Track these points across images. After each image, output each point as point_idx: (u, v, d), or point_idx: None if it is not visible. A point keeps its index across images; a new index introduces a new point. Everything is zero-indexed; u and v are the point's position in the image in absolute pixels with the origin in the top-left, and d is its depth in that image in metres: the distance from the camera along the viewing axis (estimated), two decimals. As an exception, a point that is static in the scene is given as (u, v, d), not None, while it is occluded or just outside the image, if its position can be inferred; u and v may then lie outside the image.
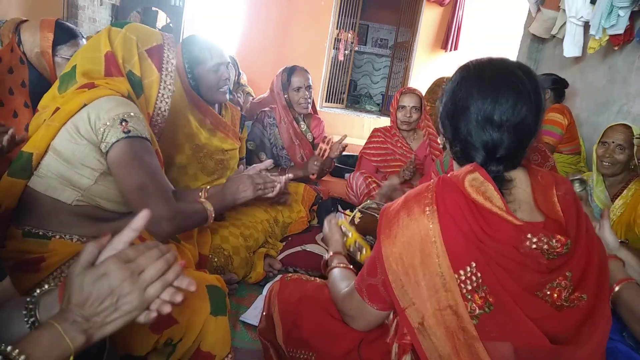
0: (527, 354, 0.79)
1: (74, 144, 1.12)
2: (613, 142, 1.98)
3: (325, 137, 2.50)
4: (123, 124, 1.11)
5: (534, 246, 0.77)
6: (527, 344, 0.78)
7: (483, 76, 0.85)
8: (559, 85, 3.08)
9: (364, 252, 1.41)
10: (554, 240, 0.77)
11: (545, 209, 0.81)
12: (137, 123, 1.14)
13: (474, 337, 0.78)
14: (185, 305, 1.04)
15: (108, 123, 1.10)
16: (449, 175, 0.86)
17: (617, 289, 1.10)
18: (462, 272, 0.78)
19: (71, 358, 0.59)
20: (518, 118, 0.81)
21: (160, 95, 1.31)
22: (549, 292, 0.80)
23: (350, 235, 1.34)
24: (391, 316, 0.96)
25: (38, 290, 0.71)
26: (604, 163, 1.99)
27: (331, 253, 1.24)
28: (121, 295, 0.61)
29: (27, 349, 0.56)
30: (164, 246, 0.67)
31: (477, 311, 0.78)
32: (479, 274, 0.77)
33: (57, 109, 1.15)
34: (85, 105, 1.13)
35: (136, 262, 0.63)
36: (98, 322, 0.61)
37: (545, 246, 0.77)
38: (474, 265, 0.78)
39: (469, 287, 0.78)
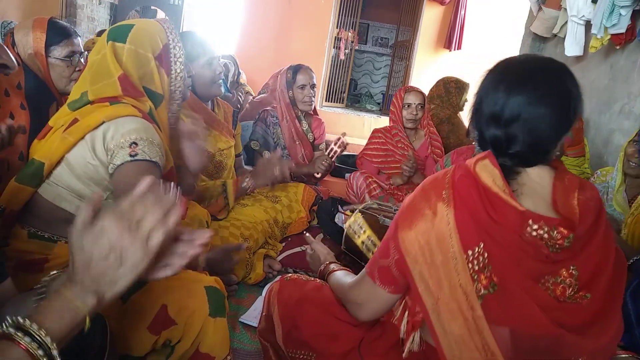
0: (528, 339, 0.80)
1: (87, 161, 1.09)
2: None
3: (339, 138, 2.48)
4: (132, 146, 1.07)
5: (534, 233, 0.78)
6: (529, 328, 0.79)
7: (504, 71, 0.86)
8: None
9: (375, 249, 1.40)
10: (555, 232, 0.78)
11: (562, 210, 0.82)
12: (147, 146, 1.09)
13: (480, 316, 0.80)
14: (184, 307, 1.03)
15: (118, 144, 1.07)
16: (465, 162, 0.88)
17: None
18: (470, 251, 0.80)
19: (87, 320, 0.57)
20: (532, 117, 0.80)
21: (170, 102, 1.28)
22: (552, 287, 0.81)
23: (363, 231, 1.34)
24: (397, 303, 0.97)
25: (47, 278, 0.70)
26: (631, 163, 1.91)
27: (326, 263, 1.25)
28: (123, 249, 0.59)
29: (39, 318, 0.54)
30: (161, 191, 0.64)
31: (482, 291, 0.80)
32: (485, 254, 0.80)
33: (75, 120, 1.11)
34: (104, 122, 1.09)
35: (132, 212, 0.60)
36: (106, 280, 0.59)
37: (546, 235, 0.78)
38: (481, 245, 0.80)
39: (476, 267, 0.80)
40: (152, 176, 0.66)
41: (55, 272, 0.71)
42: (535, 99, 0.80)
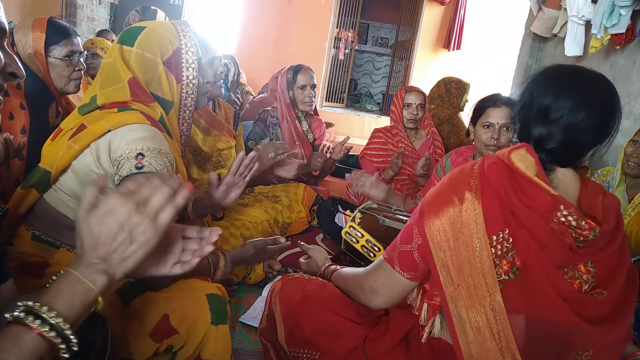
0: (542, 326, 0.83)
1: (91, 169, 1.08)
2: None
3: (329, 134, 2.49)
4: (139, 157, 1.03)
5: (563, 219, 0.80)
6: (547, 314, 0.82)
7: (558, 76, 0.90)
8: None
9: (377, 251, 1.39)
10: (583, 222, 0.80)
11: (587, 209, 0.85)
12: (154, 158, 1.05)
13: (499, 301, 0.82)
14: (186, 316, 1.03)
15: (124, 155, 1.04)
16: (495, 153, 0.91)
17: None
18: (494, 237, 0.83)
19: (99, 300, 0.57)
20: (572, 120, 0.84)
21: (182, 109, 1.23)
22: (570, 280, 0.84)
23: (362, 236, 1.34)
24: (414, 293, 0.99)
25: (54, 277, 0.70)
26: (630, 163, 1.92)
27: (325, 266, 1.25)
28: (133, 227, 0.59)
29: (49, 300, 0.54)
30: (166, 174, 0.65)
31: (503, 277, 0.83)
32: (510, 239, 0.83)
33: (83, 126, 1.09)
34: (109, 130, 1.06)
35: (139, 193, 0.60)
36: (116, 258, 0.59)
37: (574, 223, 0.80)
38: (507, 231, 0.83)
39: (499, 252, 0.83)
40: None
41: (62, 272, 0.71)
42: (580, 105, 0.84)
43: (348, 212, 2.27)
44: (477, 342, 0.84)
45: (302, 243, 1.39)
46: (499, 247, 0.83)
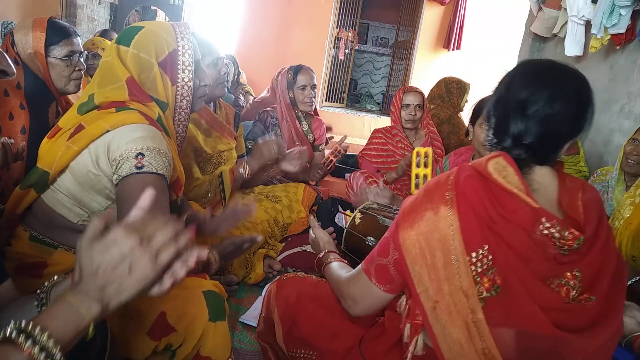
0: (528, 339, 0.80)
1: (89, 170, 1.07)
2: None
3: (337, 148, 2.49)
4: (139, 157, 1.03)
5: (546, 232, 0.79)
6: (530, 328, 0.80)
7: (533, 70, 0.89)
8: None
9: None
10: (566, 232, 0.78)
11: (567, 209, 0.83)
12: (154, 158, 1.05)
13: (482, 319, 0.80)
14: (183, 314, 1.03)
15: (124, 155, 1.03)
16: (469, 163, 0.88)
17: None
18: (474, 254, 0.80)
19: (91, 327, 0.58)
20: (548, 111, 0.83)
21: (177, 111, 1.23)
22: (557, 289, 0.82)
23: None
24: (404, 302, 0.96)
25: (47, 283, 0.70)
26: (630, 161, 1.92)
27: (325, 251, 1.24)
28: (133, 261, 0.59)
29: (43, 322, 0.54)
30: (171, 216, 0.65)
31: (484, 294, 0.80)
32: (490, 256, 0.80)
33: (81, 126, 1.08)
34: (108, 131, 1.05)
35: (144, 229, 0.61)
36: (112, 290, 0.59)
37: (557, 234, 0.78)
38: (486, 247, 0.80)
39: (479, 270, 0.80)
40: (153, 190, 0.67)
41: (57, 277, 0.71)
42: (556, 96, 0.83)
43: (348, 212, 2.27)
44: (463, 357, 0.82)
45: (311, 217, 1.39)
46: (479, 265, 0.80)
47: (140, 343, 1.00)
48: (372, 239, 1.61)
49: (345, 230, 1.76)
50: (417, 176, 1.25)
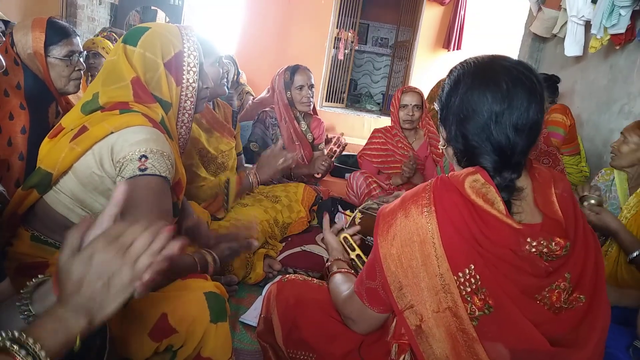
0: (525, 355, 0.79)
1: (92, 171, 1.07)
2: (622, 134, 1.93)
3: (338, 138, 2.49)
4: (142, 159, 1.03)
5: (534, 250, 0.77)
6: (526, 346, 0.78)
7: (492, 77, 0.82)
8: (551, 82, 3.06)
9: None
10: (553, 244, 0.77)
11: (544, 209, 0.81)
12: (157, 160, 1.05)
13: (474, 338, 0.78)
14: (184, 315, 1.03)
15: (128, 157, 1.03)
16: (448, 175, 0.85)
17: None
18: (461, 274, 0.78)
19: (77, 340, 0.59)
20: (532, 119, 0.80)
21: (180, 112, 1.23)
22: (547, 295, 0.80)
23: (353, 249, 1.33)
24: (391, 316, 0.96)
25: (29, 283, 0.70)
26: (611, 154, 1.94)
27: (332, 260, 1.24)
28: (113, 273, 0.60)
29: (35, 333, 0.56)
30: (150, 222, 0.65)
31: (477, 313, 0.78)
32: (477, 276, 0.78)
33: (84, 128, 1.09)
34: (112, 132, 1.05)
35: (122, 238, 0.62)
36: (96, 304, 0.60)
37: (545, 249, 0.77)
38: (472, 267, 0.78)
39: (469, 289, 0.78)
40: (126, 185, 0.68)
41: (41, 277, 0.71)
42: (533, 100, 0.80)
43: (348, 212, 2.27)
44: None
45: (325, 218, 1.37)
46: (468, 285, 0.78)
47: (142, 344, 1.00)
48: (372, 239, 1.61)
49: (345, 230, 1.76)
50: (352, 260, 1.28)
